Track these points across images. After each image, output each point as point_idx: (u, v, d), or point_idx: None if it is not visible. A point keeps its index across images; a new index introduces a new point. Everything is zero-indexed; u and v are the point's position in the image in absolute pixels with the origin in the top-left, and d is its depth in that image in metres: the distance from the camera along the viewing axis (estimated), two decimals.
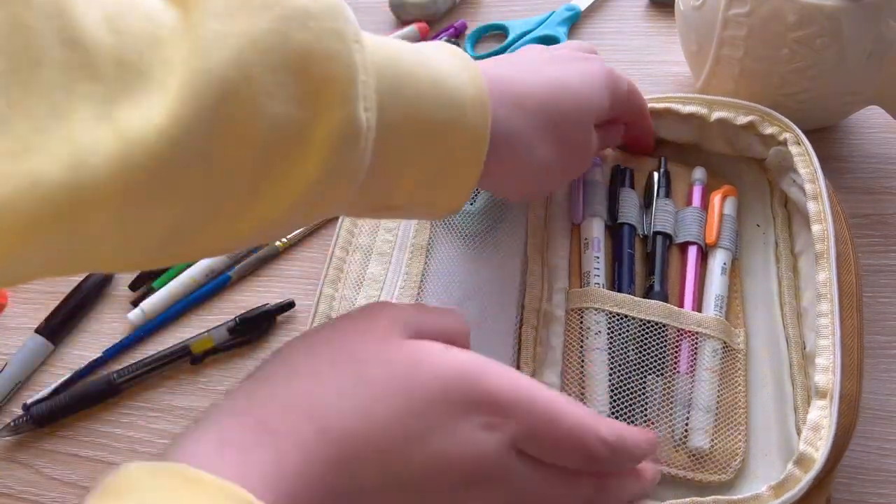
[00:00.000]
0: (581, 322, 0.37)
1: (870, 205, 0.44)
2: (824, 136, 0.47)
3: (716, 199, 0.41)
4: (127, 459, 0.39)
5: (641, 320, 0.36)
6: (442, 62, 0.29)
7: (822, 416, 0.31)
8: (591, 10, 0.58)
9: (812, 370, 0.34)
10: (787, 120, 0.39)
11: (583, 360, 0.36)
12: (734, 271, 0.39)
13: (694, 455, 0.34)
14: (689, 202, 0.41)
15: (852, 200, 0.44)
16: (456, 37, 0.57)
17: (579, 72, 0.34)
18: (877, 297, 0.40)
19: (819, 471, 0.30)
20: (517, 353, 0.37)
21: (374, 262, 0.41)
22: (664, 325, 0.36)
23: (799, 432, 0.33)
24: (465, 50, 0.56)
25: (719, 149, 0.42)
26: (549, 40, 0.56)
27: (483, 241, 0.41)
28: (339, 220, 0.43)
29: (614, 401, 0.35)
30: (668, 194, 0.41)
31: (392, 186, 0.29)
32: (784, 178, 0.40)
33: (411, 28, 0.58)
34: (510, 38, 0.56)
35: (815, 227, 0.35)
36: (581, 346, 0.36)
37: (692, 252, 0.39)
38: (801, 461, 0.30)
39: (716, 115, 0.41)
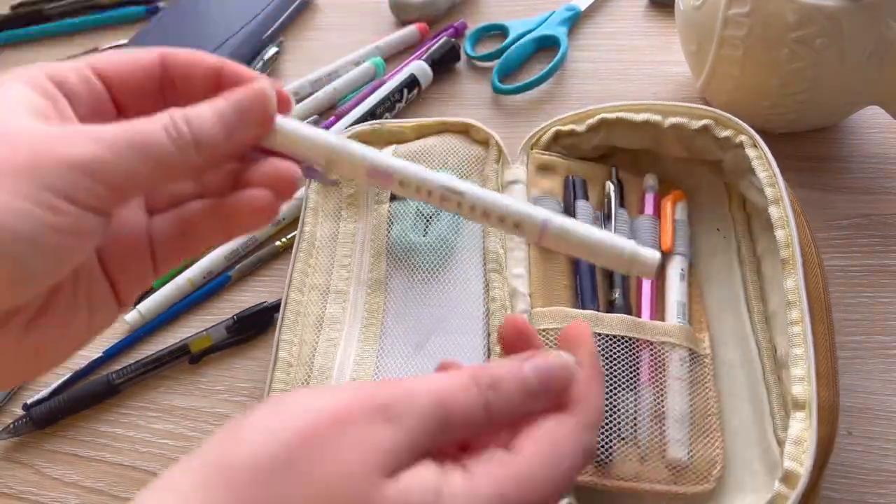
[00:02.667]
0: (547, 343, 0.36)
1: (870, 205, 0.44)
2: (824, 137, 0.47)
3: (667, 205, 0.41)
4: (127, 459, 0.40)
5: (606, 335, 0.35)
6: None
7: (802, 429, 0.31)
8: (591, 10, 0.58)
9: (785, 375, 0.33)
10: (741, 122, 0.39)
11: None
12: (692, 277, 0.39)
13: (673, 467, 0.33)
14: (641, 210, 0.41)
15: (852, 201, 0.44)
16: (455, 37, 0.57)
17: None
18: (877, 297, 0.40)
19: (805, 486, 0.29)
20: None
21: (332, 302, 0.40)
22: (630, 339, 0.35)
23: (778, 441, 0.33)
24: (465, 50, 0.56)
25: (676, 153, 0.42)
26: (549, 40, 0.56)
27: (439, 273, 0.40)
28: (291, 261, 0.41)
29: None
30: (622, 204, 0.41)
31: None
32: (742, 181, 0.40)
33: (411, 28, 0.58)
34: (510, 38, 0.56)
35: (779, 233, 0.35)
36: None
37: None
38: (787, 478, 0.30)
39: (669, 120, 0.41)
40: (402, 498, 0.18)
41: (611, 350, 0.35)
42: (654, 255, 0.23)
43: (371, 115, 0.51)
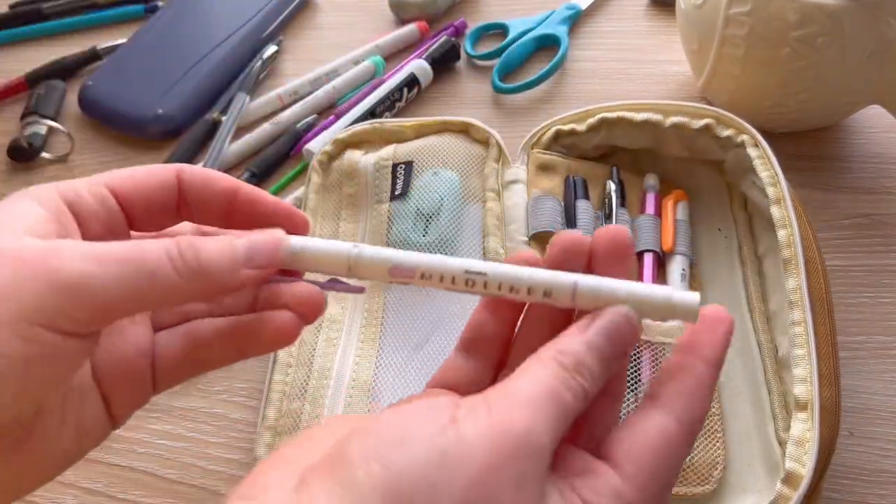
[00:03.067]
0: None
1: (871, 205, 0.44)
2: (826, 136, 0.47)
3: (668, 204, 0.40)
4: (125, 460, 0.39)
5: None
6: None
7: (804, 430, 0.31)
8: (592, 8, 0.58)
9: (786, 375, 0.33)
10: (742, 122, 0.39)
11: None
12: (693, 277, 0.39)
13: None
14: (642, 210, 0.41)
15: (854, 200, 0.44)
16: (455, 36, 0.57)
17: None
18: (878, 297, 0.40)
19: (808, 487, 0.29)
20: None
21: (332, 302, 0.40)
22: None
23: (780, 441, 0.33)
24: (465, 49, 0.56)
25: (677, 152, 0.42)
26: (549, 39, 0.56)
27: None
28: None
29: None
30: (623, 203, 0.41)
31: None
32: (744, 181, 0.40)
33: (411, 27, 0.58)
34: (510, 37, 0.56)
35: (781, 233, 0.35)
36: None
37: (648, 260, 0.39)
38: (790, 479, 0.30)
39: (670, 120, 0.40)
40: None
41: None
42: (693, 297, 0.22)
43: (371, 114, 0.51)
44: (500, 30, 0.58)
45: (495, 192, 0.42)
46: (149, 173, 0.24)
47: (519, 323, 0.25)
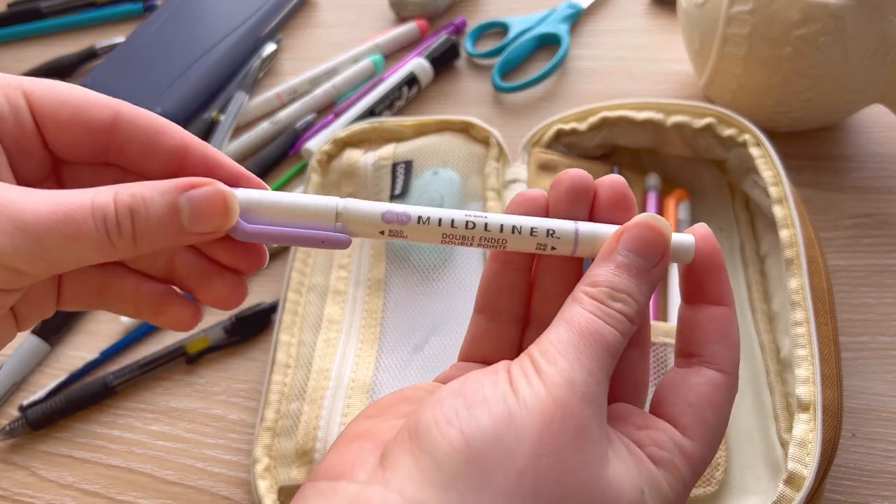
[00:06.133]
0: None
1: (874, 204, 0.43)
2: (828, 136, 0.47)
3: (670, 204, 0.40)
4: (123, 461, 0.39)
5: None
6: None
7: (807, 431, 0.31)
8: (593, 7, 0.58)
9: (789, 376, 0.33)
10: (744, 121, 0.39)
11: None
12: None
13: None
14: (644, 209, 0.41)
15: (856, 200, 0.44)
16: (456, 34, 0.57)
17: None
18: (881, 297, 0.40)
19: (810, 488, 0.29)
20: None
21: (331, 302, 0.40)
22: None
23: (782, 442, 0.33)
24: (466, 47, 0.56)
25: (679, 152, 0.42)
26: (550, 38, 0.55)
27: (440, 272, 0.40)
28: (289, 261, 0.42)
29: None
30: None
31: None
32: (746, 180, 0.40)
33: (411, 25, 0.58)
34: (510, 35, 0.56)
35: (783, 233, 0.35)
36: None
37: None
38: (792, 480, 0.30)
39: (672, 119, 0.40)
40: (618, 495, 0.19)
41: None
42: (689, 239, 0.22)
43: (370, 112, 0.51)
44: (500, 28, 0.58)
45: (496, 192, 0.42)
46: (81, 101, 0.21)
47: (534, 277, 0.24)
